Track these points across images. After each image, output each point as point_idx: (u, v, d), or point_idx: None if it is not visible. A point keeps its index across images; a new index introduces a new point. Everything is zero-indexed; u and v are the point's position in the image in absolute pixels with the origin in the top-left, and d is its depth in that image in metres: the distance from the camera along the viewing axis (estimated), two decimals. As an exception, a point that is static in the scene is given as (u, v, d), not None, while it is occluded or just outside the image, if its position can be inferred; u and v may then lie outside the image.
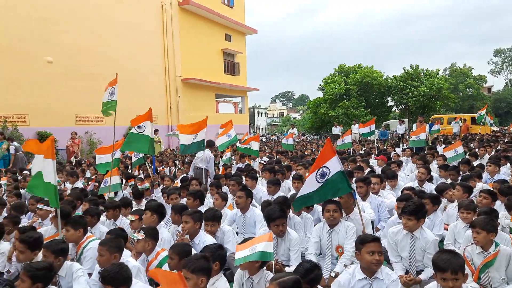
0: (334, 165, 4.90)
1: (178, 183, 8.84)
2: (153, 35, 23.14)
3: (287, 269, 4.32)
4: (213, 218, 5.09)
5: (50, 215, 5.62)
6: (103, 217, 5.87)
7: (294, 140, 16.77)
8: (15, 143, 13.95)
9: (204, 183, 8.68)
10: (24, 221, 6.33)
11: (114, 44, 20.03)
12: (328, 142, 5.14)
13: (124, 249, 4.09)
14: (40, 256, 4.12)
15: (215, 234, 5.04)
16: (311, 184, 4.99)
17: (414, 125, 22.42)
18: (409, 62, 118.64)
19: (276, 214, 4.54)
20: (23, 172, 10.73)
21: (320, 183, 4.94)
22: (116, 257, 3.89)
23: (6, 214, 6.24)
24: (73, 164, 13.68)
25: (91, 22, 18.98)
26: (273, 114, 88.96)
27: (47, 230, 5.33)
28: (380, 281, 3.50)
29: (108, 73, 18.71)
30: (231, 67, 30.60)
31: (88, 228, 4.95)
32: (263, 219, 5.66)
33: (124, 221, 5.80)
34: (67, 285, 3.94)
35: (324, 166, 4.94)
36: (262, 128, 70.88)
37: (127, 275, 3.30)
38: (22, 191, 8.43)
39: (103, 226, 5.56)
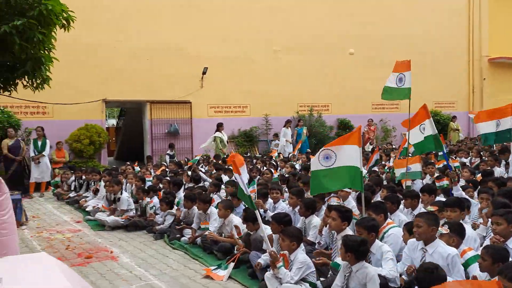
0: None
1: (479, 177, 7.94)
2: (457, 14, 21.31)
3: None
4: None
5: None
6: (402, 206, 5.90)
7: None
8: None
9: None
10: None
11: (413, 29, 19.64)
12: None
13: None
14: (347, 229, 4.58)
15: None
16: None
17: None
18: None
19: None
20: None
21: None
22: None
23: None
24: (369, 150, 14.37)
25: (392, 10, 19.24)
26: None
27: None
28: None
29: (405, 59, 18.73)
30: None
31: (388, 214, 5.09)
32: None
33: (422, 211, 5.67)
34: (376, 262, 4.17)
35: None
36: None
37: (443, 276, 3.24)
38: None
39: (402, 214, 5.60)
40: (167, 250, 6.38)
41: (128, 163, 12.58)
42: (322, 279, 4.57)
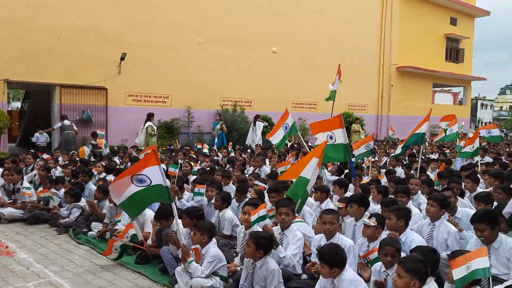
0: None
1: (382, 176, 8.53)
2: (372, 22, 22.81)
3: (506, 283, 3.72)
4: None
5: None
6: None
7: (502, 131, 13.91)
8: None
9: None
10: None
11: (333, 33, 20.62)
12: None
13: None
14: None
15: None
16: None
17: None
18: None
19: (474, 218, 4.10)
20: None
21: None
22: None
23: (233, 187, 7.22)
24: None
25: (315, 13, 19.95)
26: (501, 107, 76.74)
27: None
28: None
29: (325, 62, 19.65)
30: (454, 54, 27.64)
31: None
32: None
33: None
34: (287, 246, 4.51)
35: None
36: (485, 123, 62.12)
37: (343, 257, 3.53)
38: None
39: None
40: (71, 245, 5.98)
41: (32, 150, 11.56)
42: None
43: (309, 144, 14.91)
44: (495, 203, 5.26)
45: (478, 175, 7.57)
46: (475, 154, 9.63)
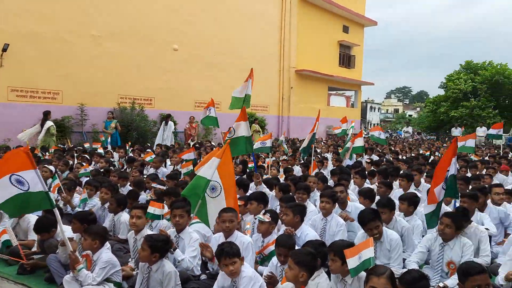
0: (452, 167, 4.74)
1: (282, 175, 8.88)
2: (272, 26, 23.58)
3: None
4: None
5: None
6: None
7: (387, 132, 15.92)
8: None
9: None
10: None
11: (234, 34, 20.88)
12: (454, 142, 4.88)
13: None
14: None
15: None
16: (439, 193, 4.76)
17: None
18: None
19: (367, 218, 4.38)
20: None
21: (444, 189, 4.77)
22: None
23: (130, 188, 6.89)
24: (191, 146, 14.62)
25: (215, 12, 19.99)
26: (387, 110, 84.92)
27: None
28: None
29: (227, 62, 19.85)
30: (346, 60, 29.85)
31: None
32: None
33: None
34: (183, 247, 4.42)
35: (447, 170, 4.74)
36: (374, 124, 68.17)
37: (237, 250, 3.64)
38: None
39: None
40: None
41: None
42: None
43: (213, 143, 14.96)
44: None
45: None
46: (359, 149, 10.75)
